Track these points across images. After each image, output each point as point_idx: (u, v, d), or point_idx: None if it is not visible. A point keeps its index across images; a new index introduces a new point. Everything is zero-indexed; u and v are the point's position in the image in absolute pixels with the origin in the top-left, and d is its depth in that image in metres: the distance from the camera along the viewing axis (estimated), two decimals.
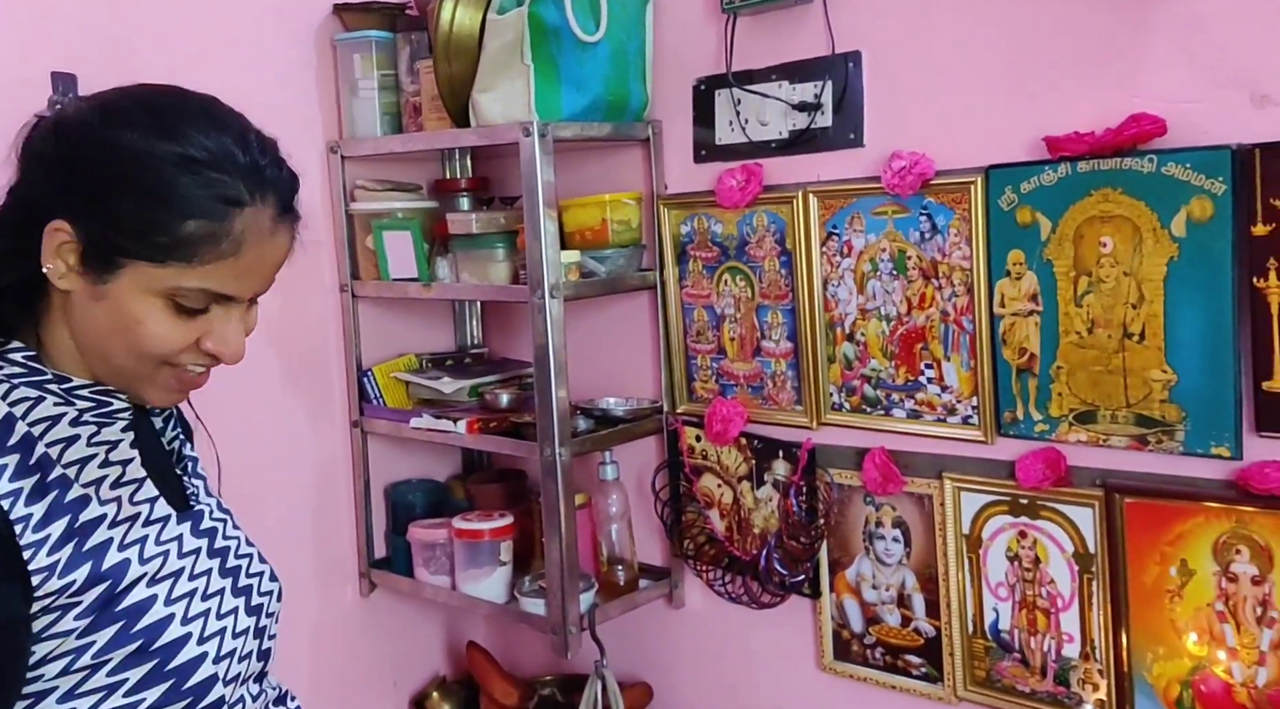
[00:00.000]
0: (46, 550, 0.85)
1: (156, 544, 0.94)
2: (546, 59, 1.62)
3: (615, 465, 1.84)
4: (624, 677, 1.92)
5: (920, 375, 1.55)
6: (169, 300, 0.88)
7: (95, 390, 0.93)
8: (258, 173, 0.88)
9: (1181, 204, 1.27)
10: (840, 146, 1.60)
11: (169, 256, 0.86)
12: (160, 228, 0.85)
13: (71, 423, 0.92)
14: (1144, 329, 1.32)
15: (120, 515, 0.92)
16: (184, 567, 0.96)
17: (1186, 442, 1.30)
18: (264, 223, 0.88)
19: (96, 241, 0.87)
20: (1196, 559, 1.31)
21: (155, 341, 0.89)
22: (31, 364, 0.92)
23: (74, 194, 0.88)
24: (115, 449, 0.95)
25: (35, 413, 0.90)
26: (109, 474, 0.93)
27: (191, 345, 0.90)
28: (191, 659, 0.92)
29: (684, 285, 1.80)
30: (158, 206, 0.85)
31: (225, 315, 0.91)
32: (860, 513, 1.64)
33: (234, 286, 0.89)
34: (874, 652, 1.65)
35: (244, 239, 0.87)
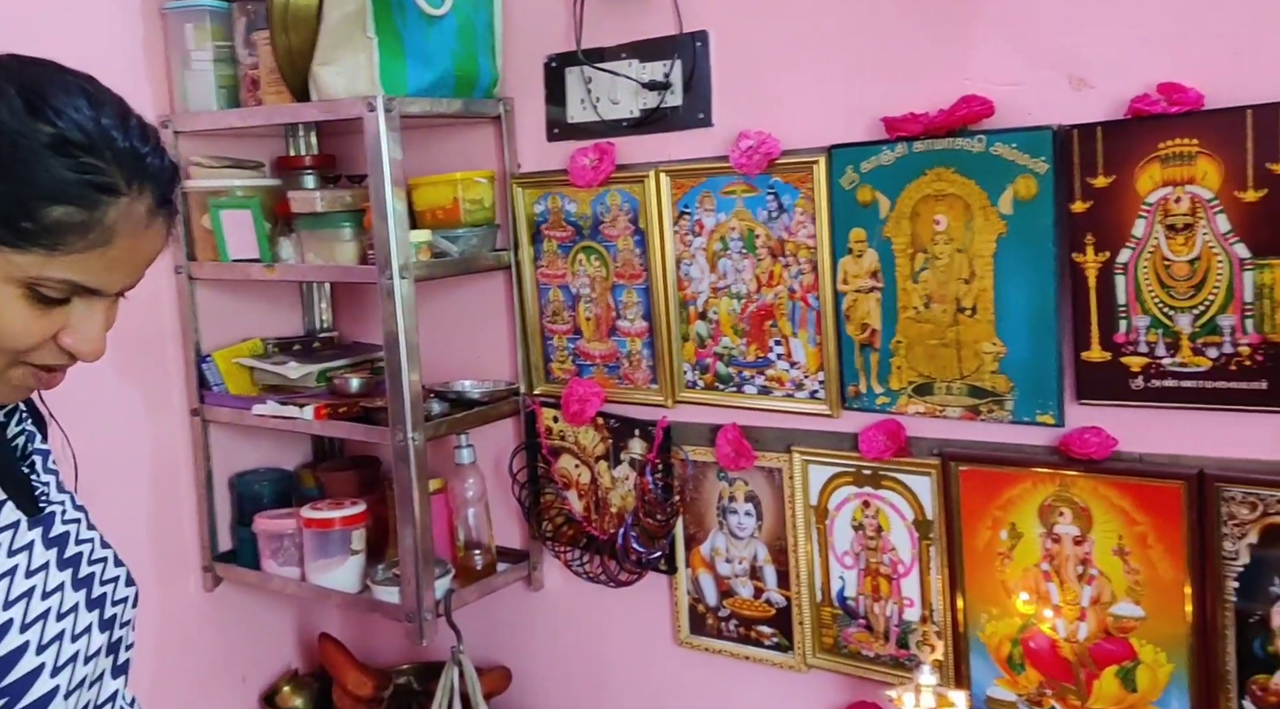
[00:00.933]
0: None
1: (8, 555, 0.85)
2: (390, 32, 1.57)
3: (471, 449, 1.81)
4: (483, 661, 1.90)
5: (770, 352, 1.58)
6: (27, 290, 0.79)
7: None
8: (137, 160, 0.81)
9: (1008, 182, 1.33)
10: (690, 126, 1.61)
11: (32, 243, 0.77)
12: (24, 211, 0.77)
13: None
14: (976, 304, 1.38)
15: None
16: (35, 586, 0.86)
17: (1015, 411, 1.36)
18: (139, 214, 0.81)
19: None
20: (1024, 522, 1.37)
21: (8, 334, 0.80)
22: None
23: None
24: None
25: None
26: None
27: (48, 340, 0.82)
28: (43, 696, 0.83)
29: (539, 265, 1.79)
30: (23, 188, 0.77)
31: (87, 309, 0.83)
32: (714, 488, 1.66)
33: (101, 279, 0.81)
34: (728, 624, 1.68)
35: (116, 230, 0.80)
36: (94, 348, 0.84)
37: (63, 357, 0.84)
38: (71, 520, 0.96)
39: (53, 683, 0.84)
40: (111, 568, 0.97)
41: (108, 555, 0.98)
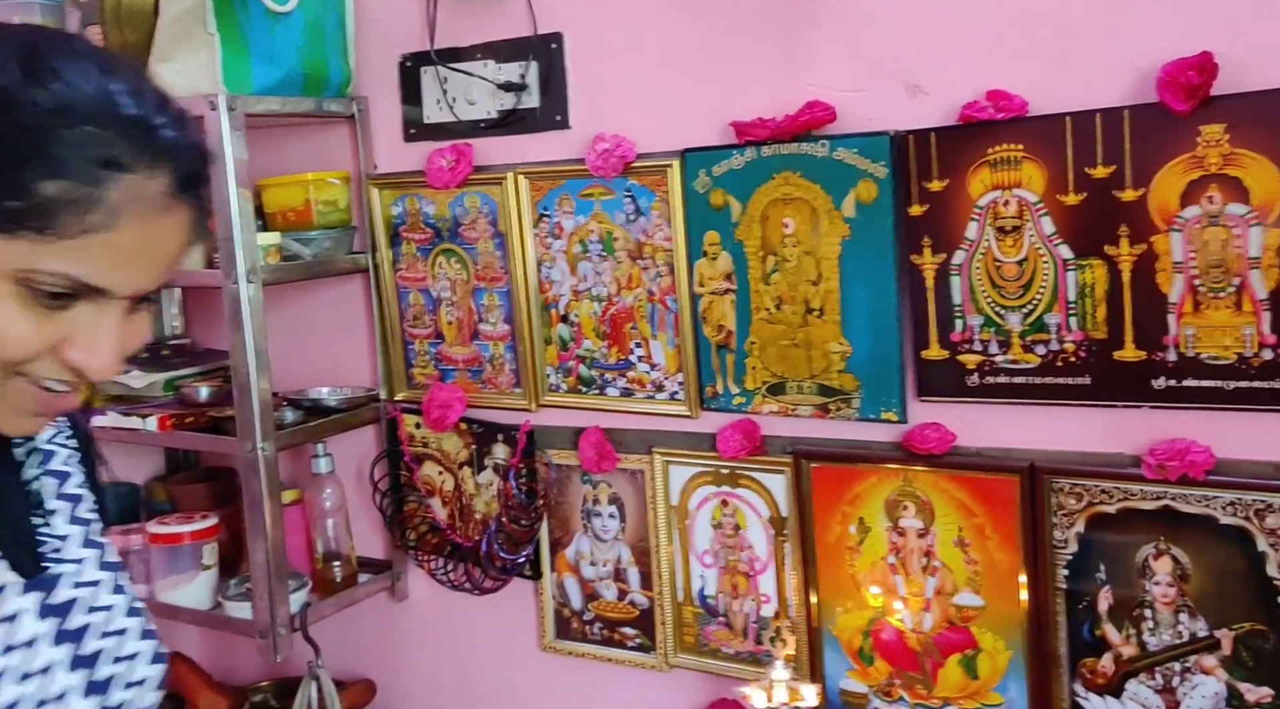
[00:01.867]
0: None
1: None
2: (233, 28, 1.52)
3: (329, 458, 1.76)
4: (346, 674, 1.85)
5: (630, 354, 1.58)
6: (20, 286, 0.66)
7: None
8: (148, 133, 0.68)
9: (850, 187, 1.36)
10: (547, 128, 1.60)
11: (20, 225, 0.65)
12: (12, 187, 0.65)
13: None
14: (823, 305, 1.40)
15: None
16: (14, 664, 0.73)
17: (861, 408, 1.40)
18: (150, 196, 0.68)
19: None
20: (872, 516, 1.41)
21: (11, 336, 0.67)
22: None
23: None
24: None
25: None
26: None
27: (48, 350, 0.69)
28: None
29: (398, 268, 1.75)
30: (11, 159, 0.65)
31: (96, 316, 0.69)
32: (578, 492, 1.66)
33: (106, 275, 0.68)
34: (593, 627, 1.68)
35: (120, 212, 0.66)
36: (102, 362, 0.70)
37: (65, 372, 0.71)
38: (87, 583, 0.81)
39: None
40: (131, 642, 0.83)
41: (130, 626, 0.83)
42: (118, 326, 0.70)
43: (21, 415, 0.72)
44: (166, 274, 0.72)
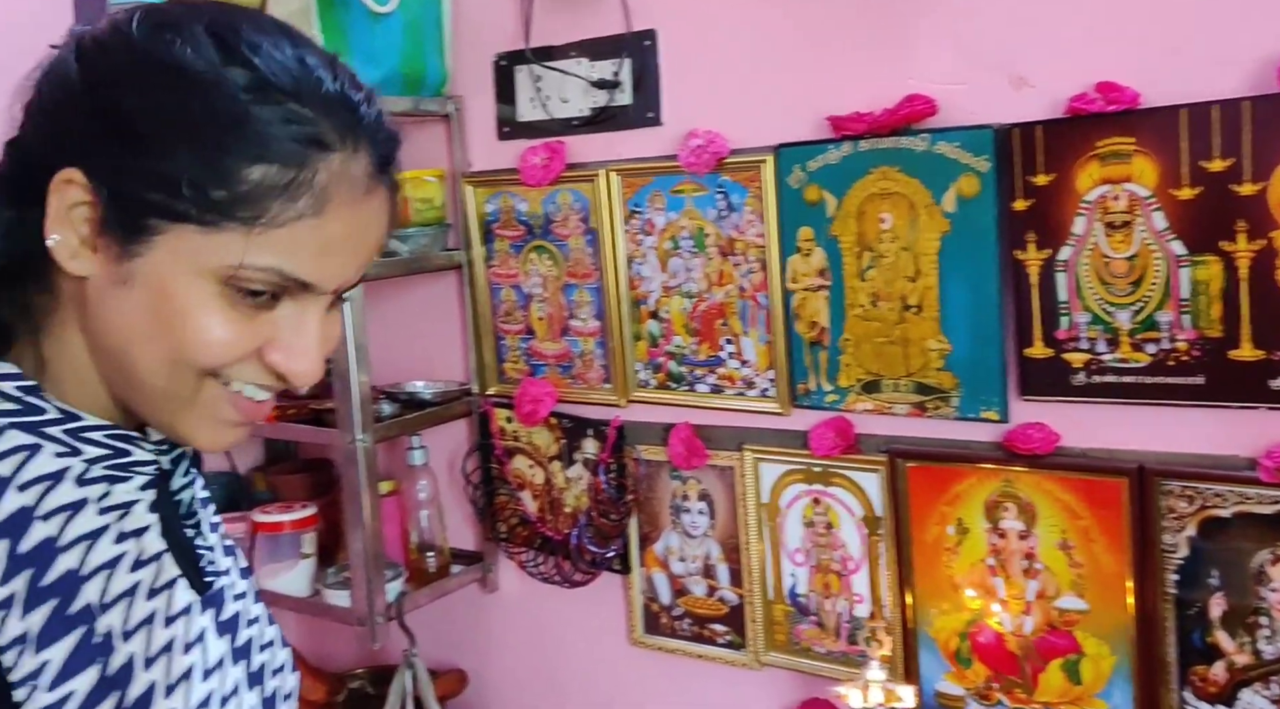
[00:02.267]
0: (47, 684, 0.61)
1: (184, 653, 0.69)
2: (336, 30, 1.56)
3: (424, 450, 1.80)
4: (438, 663, 1.89)
5: (721, 351, 1.58)
6: (226, 286, 0.63)
7: (111, 434, 0.68)
8: (350, 111, 0.64)
9: (951, 181, 1.33)
10: (640, 125, 1.61)
11: (226, 216, 0.61)
12: (216, 175, 0.61)
13: (77, 481, 0.66)
14: (921, 301, 1.38)
15: (135, 617, 0.66)
16: (213, 690, 0.71)
17: (960, 407, 1.37)
18: (355, 177, 0.64)
19: (123, 196, 0.62)
20: (971, 518, 1.38)
21: (204, 345, 0.63)
22: (28, 399, 0.66)
23: (95, 131, 0.63)
24: (129, 515, 0.69)
25: (29, 470, 0.64)
26: (125, 554, 0.67)
27: (251, 355, 0.65)
28: None
29: (491, 265, 1.78)
30: (214, 148, 0.61)
31: (299, 315, 0.65)
32: (667, 487, 1.66)
33: (314, 267, 0.64)
34: (682, 623, 1.68)
35: (329, 195, 0.62)
36: (306, 365, 0.66)
37: (267, 377, 0.66)
38: (240, 595, 0.79)
39: None
40: (278, 654, 0.81)
41: (274, 637, 0.81)
42: (321, 326, 0.66)
43: (220, 426, 0.68)
44: (366, 265, 0.68)
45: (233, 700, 0.73)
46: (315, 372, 0.67)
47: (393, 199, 0.70)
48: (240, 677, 0.75)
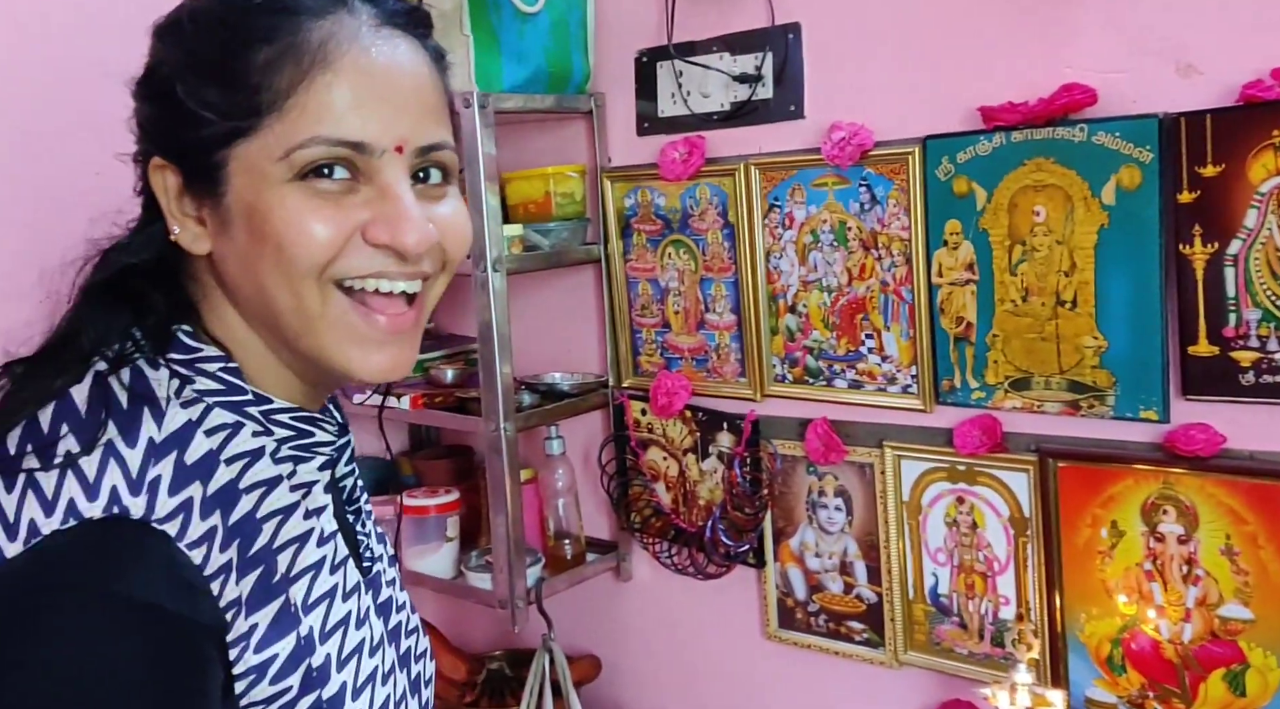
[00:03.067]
0: (254, 645, 0.65)
1: (356, 628, 0.73)
2: (486, 30, 1.60)
3: (561, 440, 1.84)
4: (573, 649, 1.93)
5: (861, 346, 1.57)
6: (295, 179, 0.66)
7: (296, 417, 0.72)
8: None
9: (1111, 172, 1.29)
10: (781, 118, 1.61)
11: (258, 112, 0.65)
12: (232, 81, 0.65)
13: (272, 458, 0.70)
14: (1076, 296, 1.34)
15: (318, 590, 0.70)
16: (377, 666, 0.75)
17: (1116, 406, 1.33)
18: (356, 28, 0.66)
19: (187, 150, 0.68)
20: (1126, 520, 1.34)
21: (304, 241, 0.65)
22: (230, 380, 0.70)
23: (153, 113, 0.70)
24: (311, 495, 0.73)
25: (233, 446, 0.69)
26: (311, 530, 0.71)
27: (356, 243, 0.67)
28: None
29: (628, 259, 1.80)
30: (219, 60, 0.66)
31: (383, 189, 0.67)
32: (803, 483, 1.66)
33: (353, 123, 0.65)
34: (818, 619, 1.67)
35: (328, 49, 0.65)
36: (407, 228, 0.66)
37: (379, 257, 0.67)
38: (390, 581, 0.82)
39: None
40: (421, 640, 0.84)
41: (417, 624, 0.84)
42: (407, 189, 0.67)
43: (365, 344, 0.69)
44: (425, 120, 0.68)
45: (390, 679, 0.76)
46: (419, 233, 0.67)
47: (429, 52, 0.71)
48: (393, 658, 0.78)
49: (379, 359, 0.70)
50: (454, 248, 0.72)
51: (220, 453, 0.67)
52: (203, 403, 0.68)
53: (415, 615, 0.85)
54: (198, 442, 0.67)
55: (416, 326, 0.72)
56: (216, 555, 0.64)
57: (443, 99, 0.72)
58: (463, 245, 0.72)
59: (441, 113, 0.71)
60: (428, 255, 0.70)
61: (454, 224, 0.71)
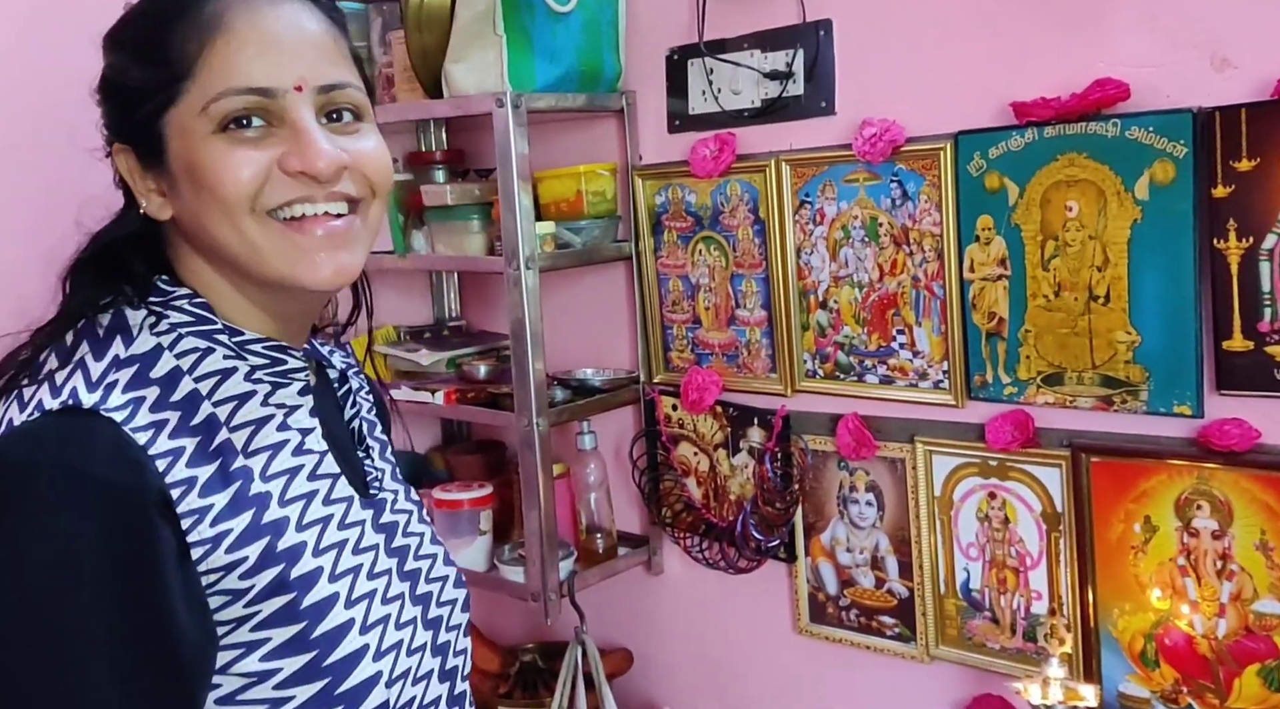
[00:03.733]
0: (209, 521, 0.73)
1: (339, 528, 0.81)
2: (519, 29, 1.62)
3: (593, 435, 1.85)
4: (605, 643, 1.94)
5: (892, 341, 1.57)
6: (218, 131, 0.76)
7: (269, 346, 0.82)
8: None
9: (1145, 167, 1.29)
10: (812, 115, 1.61)
11: (179, 78, 0.76)
12: (155, 57, 0.77)
13: (245, 378, 0.80)
14: (1109, 291, 1.34)
15: (294, 491, 0.79)
16: (362, 563, 0.82)
17: (1150, 401, 1.33)
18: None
19: (133, 129, 0.79)
20: (1160, 516, 1.34)
21: (231, 181, 0.75)
22: (200, 312, 0.80)
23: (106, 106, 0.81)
24: (293, 414, 0.82)
25: (203, 366, 0.78)
26: (288, 440, 0.81)
27: (275, 174, 0.76)
28: (365, 680, 0.78)
29: (659, 256, 1.81)
30: (146, 40, 0.78)
31: (293, 127, 0.76)
32: (834, 478, 1.67)
33: (254, 70, 0.75)
34: (849, 613, 1.68)
35: (226, 15, 0.76)
36: (315, 153, 0.75)
37: (298, 184, 0.77)
38: (402, 511, 0.90)
39: (375, 667, 0.79)
40: (440, 566, 0.91)
41: (437, 553, 0.91)
42: (312, 121, 0.77)
43: (306, 258, 0.78)
44: (320, 63, 0.78)
45: (381, 578, 0.82)
46: (326, 158, 0.76)
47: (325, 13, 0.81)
48: (391, 566, 0.84)
49: (323, 267, 0.79)
50: (374, 173, 0.81)
51: (190, 371, 0.78)
52: (175, 332, 0.79)
53: (438, 546, 0.92)
54: (164, 360, 0.77)
55: (354, 237, 0.80)
56: (164, 441, 0.73)
57: (340, 46, 0.82)
58: (382, 170, 0.81)
59: (339, 58, 0.81)
60: (348, 179, 0.79)
61: (370, 153, 0.80)
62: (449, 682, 0.88)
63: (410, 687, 0.82)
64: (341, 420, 0.92)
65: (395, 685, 0.80)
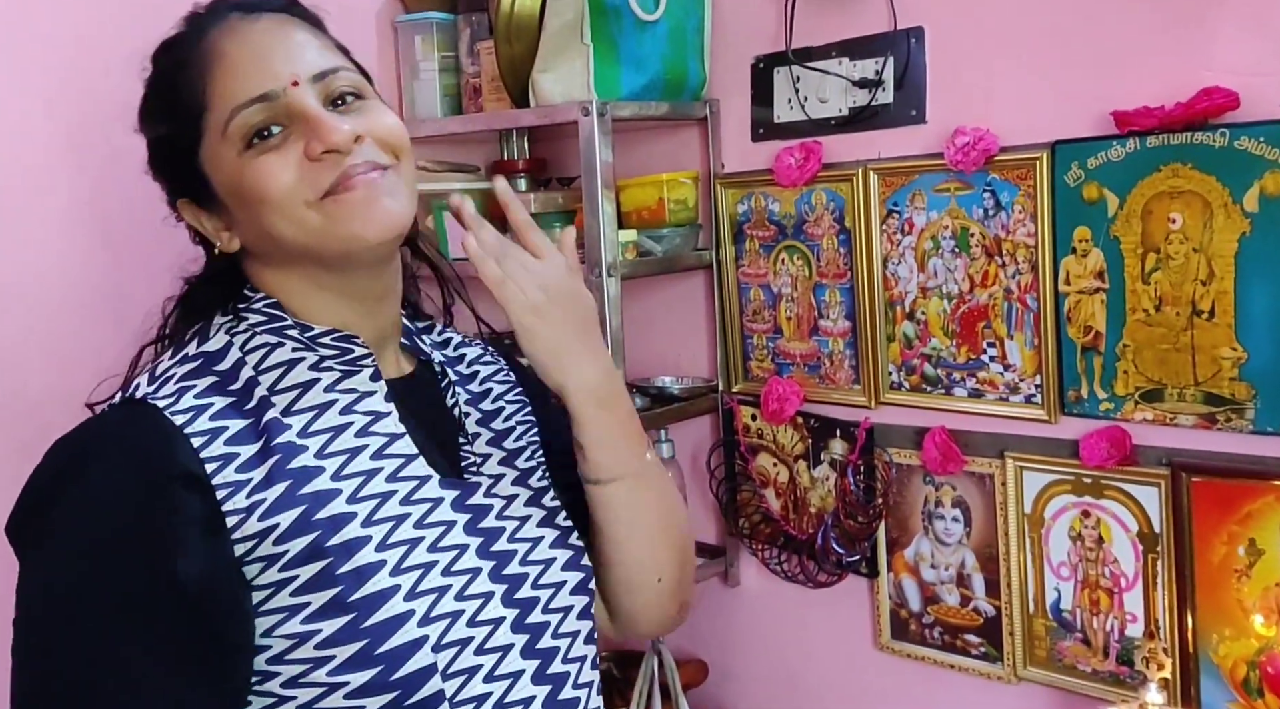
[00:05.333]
0: (246, 492, 0.79)
1: (402, 503, 0.85)
2: (606, 39, 1.62)
3: (671, 443, 1.85)
4: (680, 653, 1.93)
5: (982, 354, 1.54)
6: (244, 147, 0.84)
7: (336, 337, 0.88)
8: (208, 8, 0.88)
9: (1254, 179, 1.25)
10: (901, 123, 1.59)
11: (197, 117, 0.85)
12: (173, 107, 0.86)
13: (312, 368, 0.87)
14: (1214, 306, 1.30)
15: (353, 468, 0.84)
16: (423, 537, 0.85)
17: (1256, 420, 1.28)
18: (228, 25, 0.86)
19: (183, 181, 0.88)
20: (1266, 539, 1.29)
21: (273, 187, 0.83)
22: (272, 311, 0.89)
23: (155, 169, 0.91)
24: (365, 400, 0.88)
25: (270, 359, 0.87)
26: (351, 422, 0.86)
27: (306, 166, 0.83)
28: (408, 643, 0.80)
29: (740, 264, 1.80)
30: (161, 97, 0.88)
31: (299, 116, 0.83)
32: (919, 492, 1.64)
33: (249, 83, 0.83)
34: (932, 631, 1.65)
35: (214, 47, 0.85)
36: (328, 129, 0.82)
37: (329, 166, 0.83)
38: (505, 497, 0.93)
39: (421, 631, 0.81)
40: (545, 550, 0.92)
41: (542, 537, 0.93)
42: (318, 106, 0.83)
43: (355, 213, 0.83)
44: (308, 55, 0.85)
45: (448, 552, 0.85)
46: (339, 132, 0.82)
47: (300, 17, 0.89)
48: (469, 544, 0.87)
49: (373, 217, 0.84)
50: (390, 136, 0.87)
51: (255, 364, 0.86)
52: (250, 331, 0.88)
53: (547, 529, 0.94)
54: (231, 354, 0.86)
55: (393, 187, 0.85)
56: (204, 422, 0.80)
57: (322, 39, 0.89)
58: (396, 132, 0.87)
59: (324, 47, 0.88)
60: (370, 147, 0.84)
61: (381, 122, 0.86)
62: (539, 659, 0.88)
63: (474, 656, 0.84)
64: (442, 406, 0.97)
65: (447, 651, 0.82)
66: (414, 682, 0.80)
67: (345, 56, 0.90)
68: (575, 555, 0.94)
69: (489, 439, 0.98)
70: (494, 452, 0.97)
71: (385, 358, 0.94)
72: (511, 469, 0.97)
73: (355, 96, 0.87)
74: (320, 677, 0.79)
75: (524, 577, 0.89)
